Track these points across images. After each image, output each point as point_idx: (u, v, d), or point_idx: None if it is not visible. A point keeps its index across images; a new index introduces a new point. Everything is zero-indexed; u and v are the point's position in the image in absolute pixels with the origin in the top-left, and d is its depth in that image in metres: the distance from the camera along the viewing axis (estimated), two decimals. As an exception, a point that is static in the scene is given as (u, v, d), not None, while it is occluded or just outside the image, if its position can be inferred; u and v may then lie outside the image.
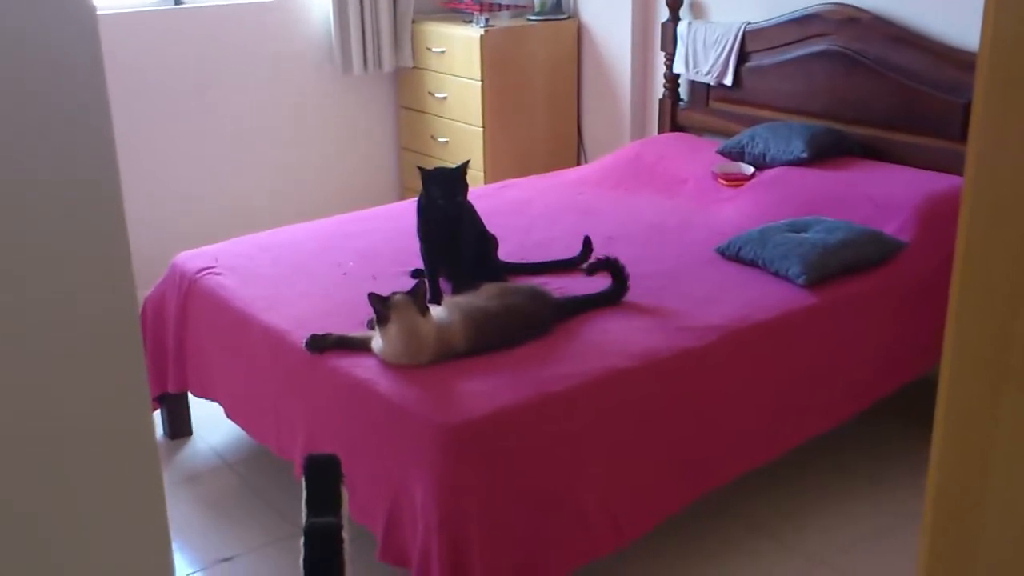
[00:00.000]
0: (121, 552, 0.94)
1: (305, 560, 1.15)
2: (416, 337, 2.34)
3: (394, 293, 2.39)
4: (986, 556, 1.02)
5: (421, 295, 2.37)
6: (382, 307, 2.34)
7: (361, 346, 2.43)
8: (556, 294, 2.64)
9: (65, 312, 0.87)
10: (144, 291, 3.14)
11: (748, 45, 3.87)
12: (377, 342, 2.39)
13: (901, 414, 3.09)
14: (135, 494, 0.94)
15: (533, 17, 4.50)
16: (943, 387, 1.01)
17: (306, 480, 1.25)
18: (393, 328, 2.33)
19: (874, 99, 3.51)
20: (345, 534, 1.19)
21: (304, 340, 2.47)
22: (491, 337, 2.41)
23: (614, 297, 2.65)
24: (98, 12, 3.32)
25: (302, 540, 1.18)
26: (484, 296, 2.54)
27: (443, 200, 2.71)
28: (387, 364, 2.37)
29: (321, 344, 2.45)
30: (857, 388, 2.83)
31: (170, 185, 4.24)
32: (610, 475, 2.30)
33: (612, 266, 2.67)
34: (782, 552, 2.63)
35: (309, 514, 1.20)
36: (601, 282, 2.75)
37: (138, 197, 4.04)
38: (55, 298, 0.86)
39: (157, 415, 3.21)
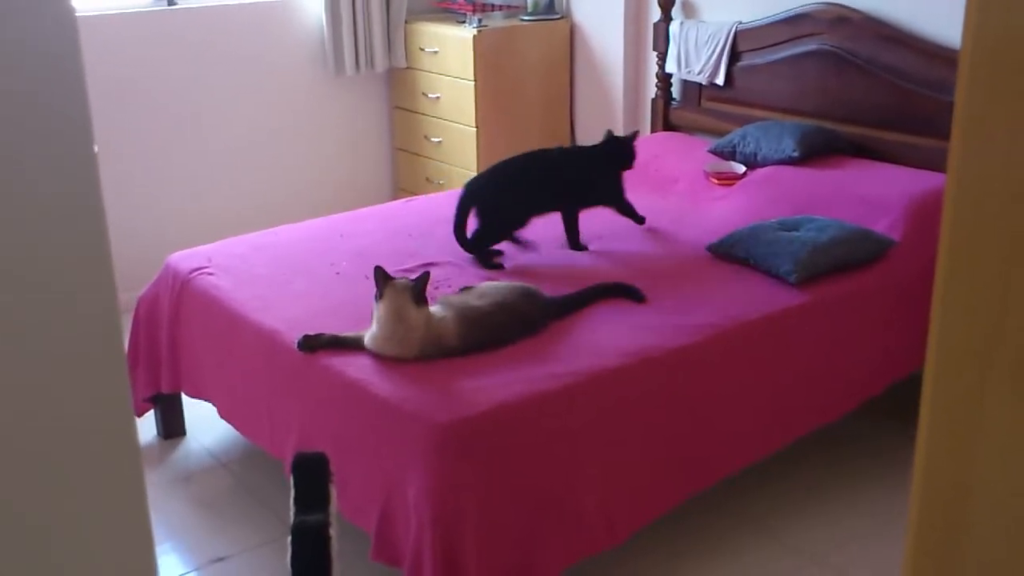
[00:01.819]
0: (103, 555, 0.94)
1: (293, 557, 1.15)
2: (403, 323, 2.35)
3: (402, 277, 2.45)
4: (973, 551, 1.03)
5: (422, 286, 2.40)
6: (382, 282, 2.38)
7: (354, 345, 2.43)
8: (548, 294, 2.65)
9: (45, 316, 0.86)
10: (137, 291, 3.15)
11: (740, 45, 3.88)
12: (370, 331, 2.41)
13: (895, 411, 3.09)
14: (118, 498, 0.94)
15: (526, 17, 4.50)
16: (928, 383, 1.01)
17: (294, 478, 1.25)
18: (383, 306, 2.37)
19: (865, 98, 3.52)
20: (333, 531, 1.19)
21: (296, 340, 2.47)
22: (484, 335, 2.42)
23: (608, 292, 2.66)
24: (91, 13, 3.28)
25: (289, 538, 1.18)
26: (477, 295, 2.55)
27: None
28: (379, 360, 2.37)
29: (314, 344, 2.46)
30: (850, 385, 2.84)
31: (163, 185, 4.23)
32: (604, 473, 2.31)
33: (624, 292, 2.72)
34: (777, 548, 2.64)
35: (297, 512, 1.21)
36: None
37: (131, 197, 4.05)
38: (35, 302, 0.86)
39: (151, 415, 3.21)
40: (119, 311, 0.91)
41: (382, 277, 2.40)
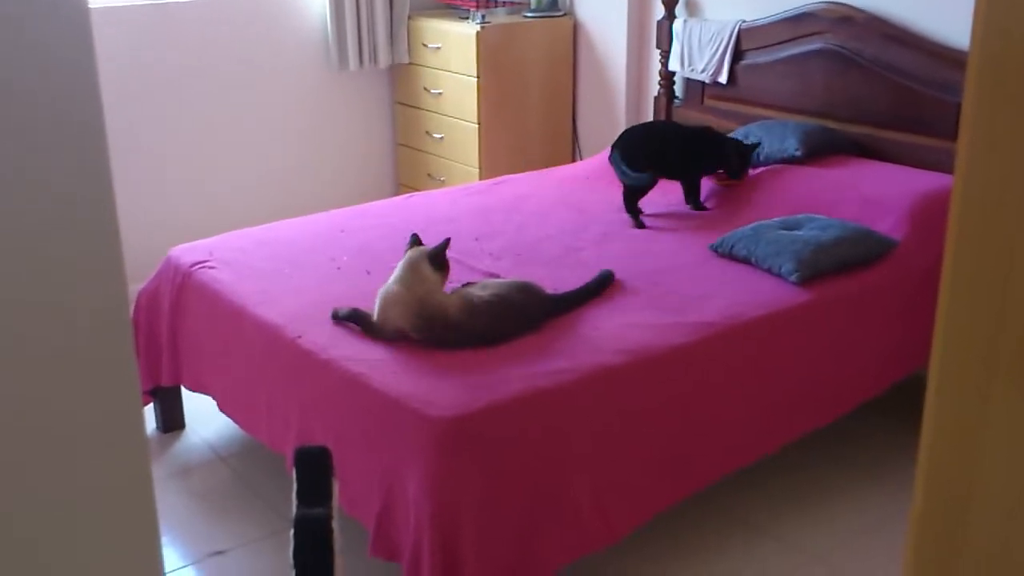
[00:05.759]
0: (110, 549, 0.94)
1: (295, 551, 1.16)
2: (414, 272, 2.48)
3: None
4: (975, 551, 1.03)
5: (441, 249, 2.54)
6: (408, 246, 2.56)
7: (365, 323, 2.50)
8: (549, 290, 2.65)
9: (55, 310, 0.86)
10: (138, 284, 3.15)
11: (743, 43, 3.87)
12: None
13: (896, 410, 3.10)
14: (124, 491, 0.93)
15: (529, 14, 4.50)
16: (933, 382, 1.01)
17: (296, 472, 1.25)
18: (405, 259, 2.52)
19: (868, 98, 3.51)
20: (335, 525, 1.19)
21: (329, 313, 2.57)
22: (486, 322, 2.42)
23: (601, 287, 2.68)
24: (92, 7, 3.27)
25: (292, 532, 1.18)
26: (479, 287, 2.56)
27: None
28: (380, 353, 2.38)
29: (337, 315, 2.56)
30: (851, 384, 2.84)
31: (165, 179, 4.23)
32: (602, 470, 2.31)
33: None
34: (776, 547, 2.64)
35: (299, 506, 1.21)
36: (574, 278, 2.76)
37: (133, 191, 4.04)
38: (45, 295, 0.86)
39: (150, 408, 3.21)
40: (129, 306, 0.91)
41: (412, 242, 2.58)
